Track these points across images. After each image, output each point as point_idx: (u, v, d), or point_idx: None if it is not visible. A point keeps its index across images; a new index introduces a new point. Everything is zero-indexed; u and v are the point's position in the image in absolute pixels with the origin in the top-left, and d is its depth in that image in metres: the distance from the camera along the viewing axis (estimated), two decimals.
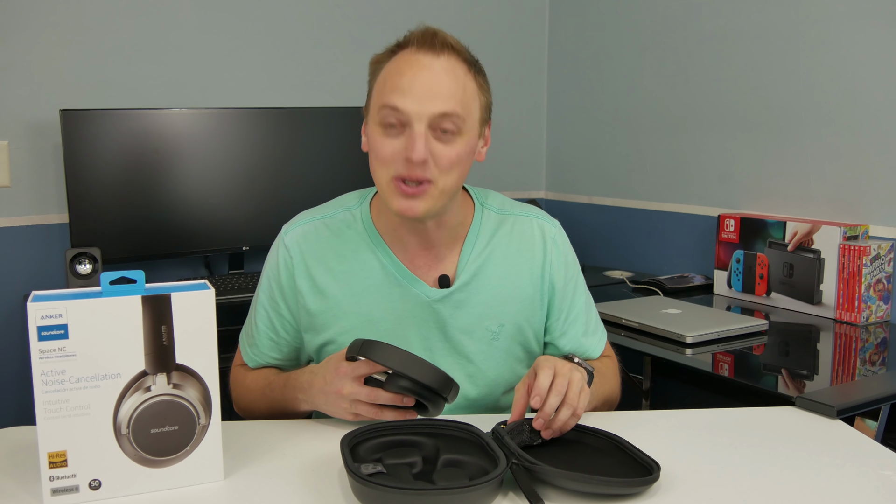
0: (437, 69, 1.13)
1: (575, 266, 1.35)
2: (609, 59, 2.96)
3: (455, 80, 1.14)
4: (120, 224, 2.35)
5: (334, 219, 1.28)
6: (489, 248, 1.28)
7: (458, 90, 1.14)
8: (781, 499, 0.97)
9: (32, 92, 2.36)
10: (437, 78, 1.13)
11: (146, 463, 0.96)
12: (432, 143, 1.13)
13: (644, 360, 2.06)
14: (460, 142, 1.15)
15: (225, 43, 2.62)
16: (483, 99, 1.20)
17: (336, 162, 2.62)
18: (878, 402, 1.55)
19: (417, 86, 1.12)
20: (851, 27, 2.19)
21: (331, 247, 1.26)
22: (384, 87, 1.15)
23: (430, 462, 1.01)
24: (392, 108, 1.13)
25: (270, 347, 1.32)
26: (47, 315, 0.90)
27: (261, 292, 1.32)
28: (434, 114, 1.12)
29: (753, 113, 2.47)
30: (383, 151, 1.15)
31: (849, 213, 2.21)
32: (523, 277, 1.29)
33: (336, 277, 1.25)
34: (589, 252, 2.99)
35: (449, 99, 1.13)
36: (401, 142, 1.14)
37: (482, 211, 1.30)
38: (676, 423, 1.23)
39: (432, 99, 1.12)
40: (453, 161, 1.15)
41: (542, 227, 1.31)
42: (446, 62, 1.14)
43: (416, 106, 1.12)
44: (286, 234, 1.29)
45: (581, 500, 0.95)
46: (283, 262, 1.27)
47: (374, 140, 1.16)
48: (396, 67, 1.15)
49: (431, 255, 1.26)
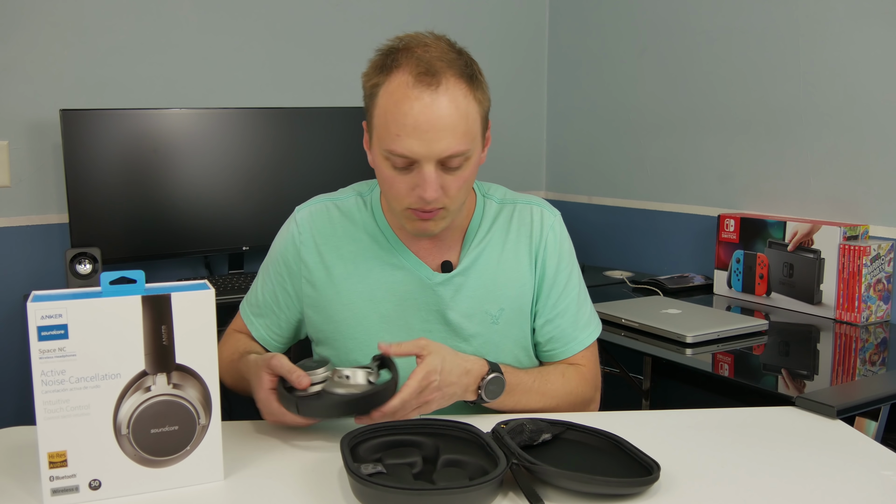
0: (437, 107, 1.11)
1: (570, 258, 1.36)
2: (609, 60, 2.96)
3: (457, 111, 1.12)
4: (120, 224, 2.35)
5: (346, 202, 1.33)
6: (490, 234, 1.31)
7: (461, 123, 1.13)
8: (781, 499, 0.97)
9: (32, 92, 2.36)
10: (442, 118, 1.11)
11: (146, 463, 0.96)
12: (442, 177, 1.15)
13: (644, 360, 2.06)
14: (467, 167, 1.17)
15: (225, 43, 2.62)
16: (483, 111, 1.19)
17: (336, 162, 2.62)
18: (878, 402, 1.55)
19: (421, 129, 1.11)
20: (851, 27, 2.19)
21: (340, 227, 1.31)
22: (386, 127, 1.13)
23: (430, 462, 1.01)
24: (399, 156, 1.13)
25: (271, 320, 1.36)
26: (47, 315, 0.90)
27: (269, 265, 1.36)
28: (442, 156, 1.13)
29: (753, 113, 2.47)
30: (396, 188, 1.17)
31: (849, 213, 2.21)
32: (522, 261, 1.31)
33: (342, 256, 1.29)
34: (589, 252, 2.99)
35: (454, 138, 1.12)
36: (411, 178, 1.15)
37: (484, 202, 1.34)
38: (676, 423, 1.23)
39: (438, 141, 1.12)
40: (462, 185, 1.18)
41: (542, 213, 1.34)
42: (446, 94, 1.12)
43: (424, 150, 1.12)
44: (298, 212, 1.34)
45: (581, 500, 0.95)
46: (292, 237, 1.32)
47: (385, 173, 1.18)
48: (395, 103, 1.12)
49: (435, 243, 1.30)
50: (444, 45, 1.16)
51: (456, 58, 1.15)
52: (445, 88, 1.11)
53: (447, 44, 1.17)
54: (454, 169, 1.16)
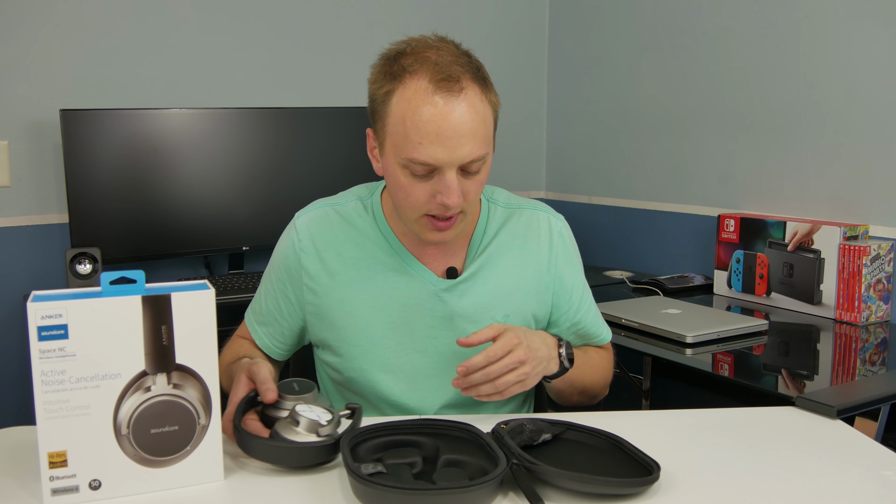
0: (459, 113, 1.10)
1: (579, 261, 1.39)
2: (609, 60, 2.96)
3: (477, 116, 1.12)
4: (120, 224, 2.35)
5: (346, 206, 1.31)
6: (496, 240, 1.30)
7: (481, 128, 1.13)
8: (781, 499, 0.97)
9: (32, 92, 2.36)
10: (464, 123, 1.10)
11: (146, 463, 0.96)
12: (462, 183, 1.15)
13: (644, 360, 2.06)
14: (484, 170, 1.18)
15: (225, 43, 2.62)
16: (495, 113, 1.18)
17: (336, 162, 2.62)
18: (878, 402, 1.55)
19: (444, 137, 1.10)
20: (851, 27, 2.19)
21: (341, 232, 1.29)
22: (406, 136, 1.11)
23: (430, 462, 1.01)
24: (422, 164, 1.12)
25: (274, 328, 1.34)
26: (47, 315, 0.90)
27: (271, 272, 1.35)
28: (464, 161, 1.12)
29: (753, 113, 2.46)
30: (414, 196, 1.15)
31: (849, 213, 2.21)
32: (529, 269, 1.31)
33: (345, 262, 1.27)
34: (589, 252, 2.98)
35: (475, 143, 1.12)
36: (431, 185, 1.14)
37: (489, 206, 1.33)
38: (676, 423, 1.23)
39: (460, 147, 1.11)
40: (479, 187, 1.19)
41: (549, 220, 1.34)
42: (466, 99, 1.11)
43: (447, 157, 1.11)
44: (298, 218, 1.32)
45: (581, 500, 0.95)
46: (292, 245, 1.30)
47: (401, 182, 1.16)
48: (415, 111, 1.10)
49: (441, 249, 1.28)
50: (453, 48, 1.15)
51: (468, 61, 1.14)
52: (465, 94, 1.11)
53: (454, 46, 1.16)
54: (473, 174, 1.15)
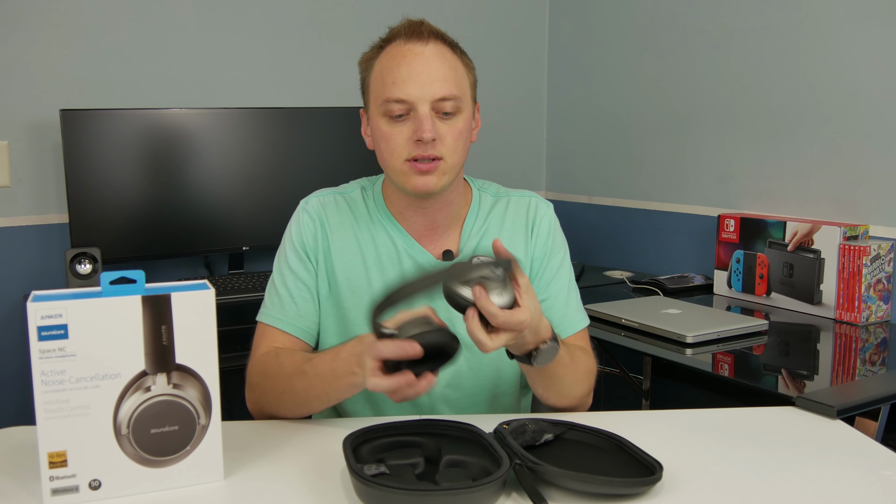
0: (428, 55, 1.21)
1: (563, 249, 1.38)
2: (609, 59, 2.96)
3: (446, 63, 1.23)
4: (120, 224, 2.35)
5: (349, 195, 1.37)
6: (487, 223, 1.36)
7: (451, 73, 1.23)
8: (781, 499, 0.97)
9: (32, 92, 2.35)
10: (431, 64, 1.21)
11: (146, 463, 0.96)
12: (437, 124, 1.22)
13: (644, 360, 2.06)
14: (460, 119, 1.24)
15: (225, 43, 2.61)
16: (471, 77, 1.28)
17: (336, 162, 2.62)
18: (878, 402, 1.55)
19: (415, 74, 1.20)
20: (851, 27, 2.19)
21: (346, 217, 1.34)
22: (382, 82, 1.22)
23: (432, 462, 1.01)
24: (396, 101, 1.20)
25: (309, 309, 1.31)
26: (47, 315, 0.90)
27: (282, 259, 1.33)
28: (435, 97, 1.20)
29: (753, 113, 2.46)
30: (394, 140, 1.22)
31: (849, 213, 2.21)
32: (518, 248, 1.35)
33: (349, 246, 1.32)
34: (589, 252, 2.99)
35: (445, 82, 1.21)
36: (408, 127, 1.21)
37: (479, 195, 1.39)
38: (676, 423, 1.23)
39: (430, 84, 1.20)
40: (457, 137, 1.24)
41: (537, 204, 1.39)
42: (434, 48, 1.22)
43: (418, 92, 1.20)
44: (306, 203, 1.36)
45: (584, 500, 0.95)
46: (306, 225, 1.33)
47: (382, 131, 1.23)
48: (390, 60, 1.22)
49: (435, 233, 1.34)
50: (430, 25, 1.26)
51: (441, 31, 1.26)
52: (435, 44, 1.23)
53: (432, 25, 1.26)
54: (448, 115, 1.22)
